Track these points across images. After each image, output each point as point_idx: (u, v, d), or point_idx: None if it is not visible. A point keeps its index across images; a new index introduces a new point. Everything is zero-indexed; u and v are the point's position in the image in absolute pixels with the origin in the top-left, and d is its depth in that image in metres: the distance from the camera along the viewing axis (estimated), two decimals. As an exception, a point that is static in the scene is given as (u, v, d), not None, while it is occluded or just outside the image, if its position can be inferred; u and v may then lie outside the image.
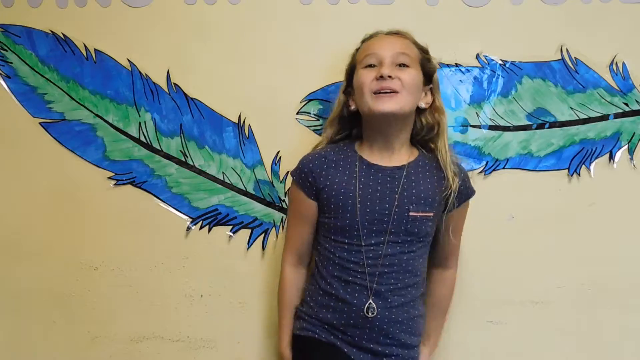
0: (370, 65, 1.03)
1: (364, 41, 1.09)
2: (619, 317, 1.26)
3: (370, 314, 1.01)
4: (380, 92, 1.00)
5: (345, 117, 1.10)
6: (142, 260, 1.28)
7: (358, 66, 1.05)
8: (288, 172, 1.20)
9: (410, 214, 1.03)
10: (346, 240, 1.04)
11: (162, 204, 1.26)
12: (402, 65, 1.02)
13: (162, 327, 1.30)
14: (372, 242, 1.03)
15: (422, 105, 1.07)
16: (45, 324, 1.31)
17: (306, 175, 1.07)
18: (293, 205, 1.12)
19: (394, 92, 1.00)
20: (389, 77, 0.99)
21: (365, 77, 1.02)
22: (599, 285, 1.25)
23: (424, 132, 1.08)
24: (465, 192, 1.10)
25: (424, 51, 1.08)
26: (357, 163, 1.06)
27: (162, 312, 1.29)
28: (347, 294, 1.03)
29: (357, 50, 1.09)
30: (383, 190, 1.04)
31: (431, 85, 1.08)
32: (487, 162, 1.23)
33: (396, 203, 1.03)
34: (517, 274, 1.25)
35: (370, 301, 1.02)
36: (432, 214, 1.05)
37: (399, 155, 1.07)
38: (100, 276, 1.29)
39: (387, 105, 0.99)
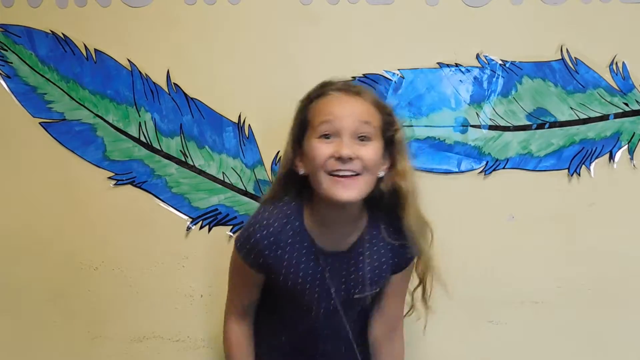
0: (325, 136, 0.88)
1: (316, 97, 0.93)
2: (619, 317, 1.26)
3: None
4: (337, 175, 0.87)
5: (294, 175, 0.95)
6: (142, 260, 1.28)
7: (310, 130, 0.90)
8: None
9: (355, 297, 0.98)
10: (296, 317, 1.01)
11: (162, 204, 1.26)
12: (363, 138, 0.88)
13: (162, 327, 1.30)
14: (325, 319, 1.00)
15: (381, 174, 0.93)
16: (45, 324, 1.31)
17: (256, 256, 0.95)
18: (236, 270, 1.01)
19: (353, 174, 0.87)
20: (349, 158, 0.86)
21: (321, 153, 0.87)
22: (599, 285, 1.25)
23: (382, 199, 0.94)
24: (412, 256, 1.00)
25: (387, 113, 0.94)
26: (310, 248, 0.95)
27: (162, 312, 1.29)
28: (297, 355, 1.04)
29: (308, 102, 0.94)
30: (340, 277, 0.97)
31: (391, 149, 0.94)
32: (487, 162, 1.23)
33: (350, 288, 0.97)
34: (517, 274, 1.25)
35: None
36: (377, 290, 1.01)
37: (350, 232, 0.97)
38: (100, 276, 1.29)
39: (347, 193, 0.87)
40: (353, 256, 0.97)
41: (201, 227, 1.26)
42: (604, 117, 1.21)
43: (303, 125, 0.93)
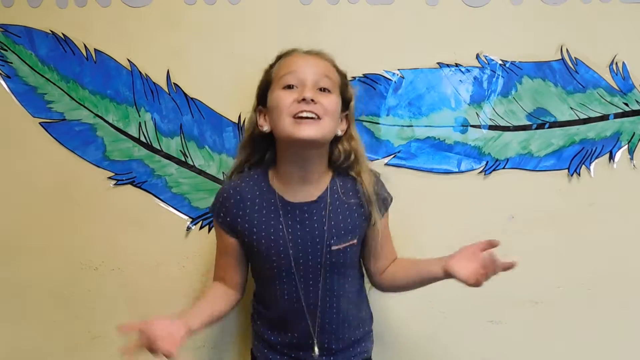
0: (289, 86, 0.94)
1: (280, 57, 1.01)
2: (619, 317, 1.26)
3: (314, 354, 1.02)
4: (301, 117, 0.91)
5: (258, 139, 1.01)
6: (142, 260, 1.28)
7: (274, 84, 0.96)
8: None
9: (333, 248, 0.99)
10: (278, 285, 1.01)
11: (162, 204, 1.26)
12: (324, 89, 0.95)
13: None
14: (306, 281, 1.00)
15: (339, 132, 0.99)
16: (46, 324, 1.31)
17: (224, 214, 1.00)
18: (216, 236, 1.06)
19: (315, 117, 0.92)
20: (312, 101, 0.91)
21: (284, 99, 0.93)
22: (599, 285, 1.25)
23: (340, 160, 1.00)
24: (385, 204, 1.05)
25: (343, 76, 1.02)
26: (276, 202, 0.99)
27: (162, 312, 1.29)
28: (292, 330, 1.03)
29: (271, 66, 1.01)
30: (305, 229, 0.99)
31: (347, 112, 1.01)
32: (487, 162, 1.23)
33: (319, 240, 0.98)
34: (517, 274, 1.25)
35: (314, 341, 1.02)
36: (355, 241, 1.01)
37: (316, 186, 1.00)
38: (100, 276, 1.29)
39: (309, 131, 0.91)
40: (321, 206, 0.99)
41: (201, 227, 1.26)
42: (604, 117, 1.21)
43: (266, 85, 0.99)
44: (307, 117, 0.91)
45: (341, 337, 1.04)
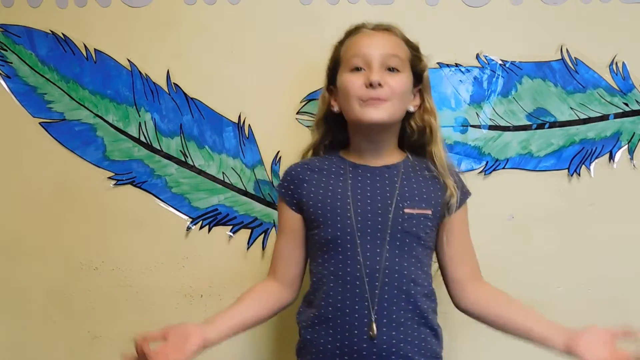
0: (356, 69, 0.94)
1: (348, 36, 0.99)
2: (619, 317, 1.26)
3: (372, 333, 0.88)
4: (366, 101, 0.92)
5: (331, 118, 1.01)
6: (142, 260, 1.28)
7: (343, 66, 0.97)
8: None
9: (406, 210, 0.93)
10: (340, 256, 0.91)
11: (162, 204, 1.26)
12: (392, 69, 0.93)
13: (162, 327, 1.29)
14: (369, 250, 0.91)
15: (411, 108, 0.98)
16: (45, 324, 1.31)
17: (288, 183, 0.99)
18: (279, 216, 1.03)
19: (382, 100, 0.91)
20: (379, 84, 0.91)
21: (352, 83, 0.93)
22: (599, 285, 1.25)
23: (414, 136, 1.00)
24: (464, 195, 1.01)
25: (414, 49, 0.99)
26: (344, 166, 0.98)
27: (162, 312, 1.29)
28: (346, 315, 0.90)
29: (340, 43, 1.00)
30: (375, 191, 0.95)
31: (420, 86, 0.99)
32: (487, 162, 1.23)
33: (389, 202, 0.93)
34: (517, 274, 1.25)
35: (373, 320, 0.89)
36: (429, 212, 0.94)
37: (389, 157, 0.99)
38: (100, 276, 1.29)
39: (376, 114, 0.91)
40: (394, 172, 0.97)
41: (201, 227, 1.26)
42: (604, 117, 1.21)
43: (336, 64, 0.99)
44: (373, 100, 0.91)
45: (409, 341, 0.91)
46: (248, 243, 1.26)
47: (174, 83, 1.23)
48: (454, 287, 1.00)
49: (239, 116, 1.23)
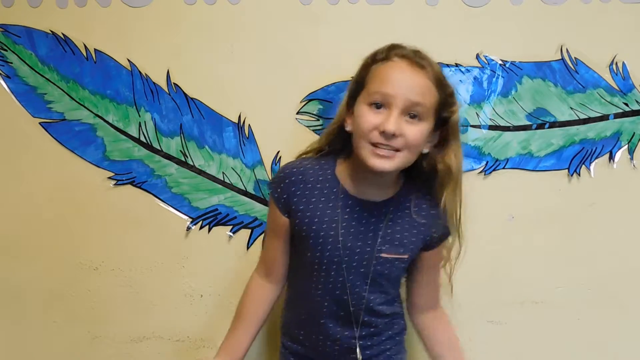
0: (376, 104, 0.87)
1: (380, 59, 0.92)
2: (619, 317, 1.26)
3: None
4: (375, 146, 0.87)
5: (343, 132, 0.96)
6: (142, 260, 1.28)
7: (364, 93, 0.90)
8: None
9: (382, 255, 0.95)
10: (326, 286, 0.97)
11: (162, 204, 1.26)
12: (414, 115, 0.87)
13: (162, 327, 1.30)
14: (356, 282, 0.96)
15: (425, 150, 0.93)
16: (45, 324, 1.31)
17: (282, 191, 0.97)
18: (268, 213, 1.03)
19: (393, 150, 0.87)
20: (393, 135, 0.85)
21: (367, 120, 0.87)
22: (599, 285, 1.25)
23: (423, 176, 0.97)
24: (446, 233, 1.01)
25: (447, 94, 0.91)
26: (337, 190, 0.96)
27: (162, 312, 1.29)
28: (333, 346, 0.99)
29: (370, 62, 0.93)
30: (361, 229, 0.95)
31: (443, 129, 0.94)
32: (487, 162, 1.23)
33: (369, 243, 0.95)
34: (517, 274, 1.25)
35: (357, 347, 0.98)
36: (406, 256, 0.97)
37: (384, 190, 0.97)
38: (100, 276, 1.29)
39: (382, 165, 0.87)
40: (382, 210, 0.95)
41: (201, 227, 1.26)
42: (604, 117, 1.21)
43: (360, 85, 0.92)
44: (384, 149, 0.87)
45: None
46: (248, 243, 1.26)
47: (174, 83, 1.23)
48: (410, 306, 1.08)
49: (239, 116, 1.23)
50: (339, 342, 0.99)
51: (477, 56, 1.21)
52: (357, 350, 0.98)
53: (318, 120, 1.22)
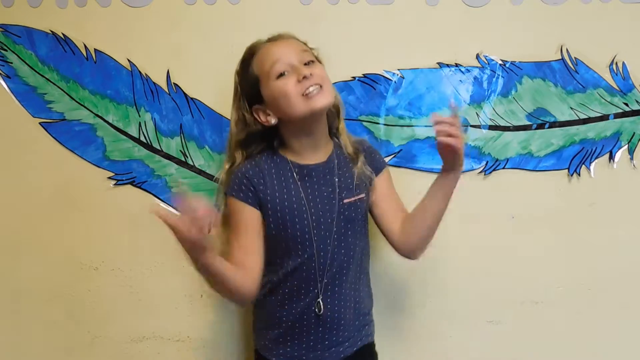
0: (281, 74, 0.99)
1: (252, 56, 1.04)
2: (619, 317, 1.26)
3: (319, 311, 1.02)
4: (309, 93, 0.98)
5: (257, 134, 1.06)
6: (143, 260, 1.28)
7: (266, 79, 1.01)
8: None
9: (345, 201, 1.04)
10: (296, 252, 1.03)
11: (162, 204, 1.26)
12: (308, 62, 1.01)
13: (162, 327, 1.30)
14: (321, 244, 1.03)
15: None
16: (45, 324, 1.31)
17: (246, 184, 1.04)
18: (233, 220, 1.05)
19: (319, 87, 0.98)
20: (310, 75, 0.98)
21: (287, 85, 0.98)
22: (599, 285, 1.25)
23: (330, 119, 1.08)
24: (378, 164, 1.11)
25: (308, 45, 1.07)
26: (291, 168, 1.05)
27: (162, 312, 1.29)
28: (298, 301, 1.03)
29: (245, 66, 1.05)
30: (321, 190, 1.04)
31: None
32: (487, 162, 1.23)
33: (332, 197, 1.04)
34: (517, 274, 1.25)
35: (319, 299, 1.03)
36: (363, 195, 1.06)
37: (324, 149, 1.07)
38: (100, 276, 1.29)
39: (322, 100, 0.99)
40: (331, 166, 1.06)
41: (201, 227, 1.26)
42: (604, 117, 1.21)
43: (253, 84, 1.03)
44: (314, 90, 0.98)
45: (348, 306, 1.05)
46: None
47: (174, 83, 1.23)
48: (390, 237, 1.09)
49: (239, 116, 1.23)
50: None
51: (477, 56, 1.21)
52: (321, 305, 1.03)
53: (318, 120, 1.22)
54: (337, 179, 1.05)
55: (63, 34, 1.24)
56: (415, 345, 1.27)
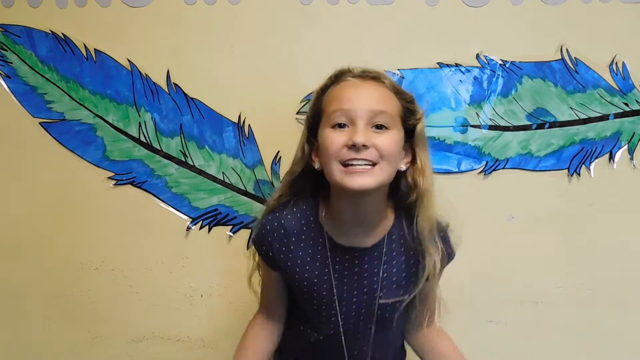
0: (339, 125, 0.81)
1: (331, 83, 0.87)
2: (619, 317, 1.26)
3: None
4: (351, 165, 0.80)
5: (309, 172, 0.89)
6: (143, 260, 1.28)
7: (324, 119, 0.84)
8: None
9: (381, 302, 0.90)
10: (319, 325, 0.93)
11: (162, 204, 1.26)
12: (380, 126, 0.81)
13: (162, 327, 1.30)
14: (355, 344, 0.93)
15: (402, 167, 0.87)
16: (45, 324, 1.31)
17: (267, 246, 0.90)
18: (261, 267, 0.98)
19: (369, 164, 0.80)
20: (364, 146, 0.79)
21: (333, 142, 0.80)
22: (599, 285, 1.25)
23: (409, 197, 0.88)
24: (448, 260, 0.93)
25: (407, 100, 0.86)
26: (323, 240, 0.88)
27: (162, 312, 1.29)
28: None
29: (322, 91, 0.88)
30: (356, 278, 0.89)
31: (412, 142, 0.87)
32: (487, 162, 1.23)
33: (366, 290, 0.89)
34: (517, 274, 1.25)
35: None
36: (405, 297, 0.91)
37: (373, 231, 0.89)
38: (100, 276, 1.29)
39: (361, 182, 0.79)
40: (375, 255, 0.88)
41: (201, 227, 1.26)
42: (604, 117, 1.21)
43: (317, 116, 0.86)
44: (358, 165, 0.79)
45: None
46: (248, 243, 1.26)
47: (174, 83, 1.23)
48: (407, 323, 1.01)
49: (239, 116, 1.23)
50: None
51: (477, 56, 1.21)
52: None
53: (318, 120, 1.22)
54: (379, 273, 0.88)
55: (63, 34, 1.24)
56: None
